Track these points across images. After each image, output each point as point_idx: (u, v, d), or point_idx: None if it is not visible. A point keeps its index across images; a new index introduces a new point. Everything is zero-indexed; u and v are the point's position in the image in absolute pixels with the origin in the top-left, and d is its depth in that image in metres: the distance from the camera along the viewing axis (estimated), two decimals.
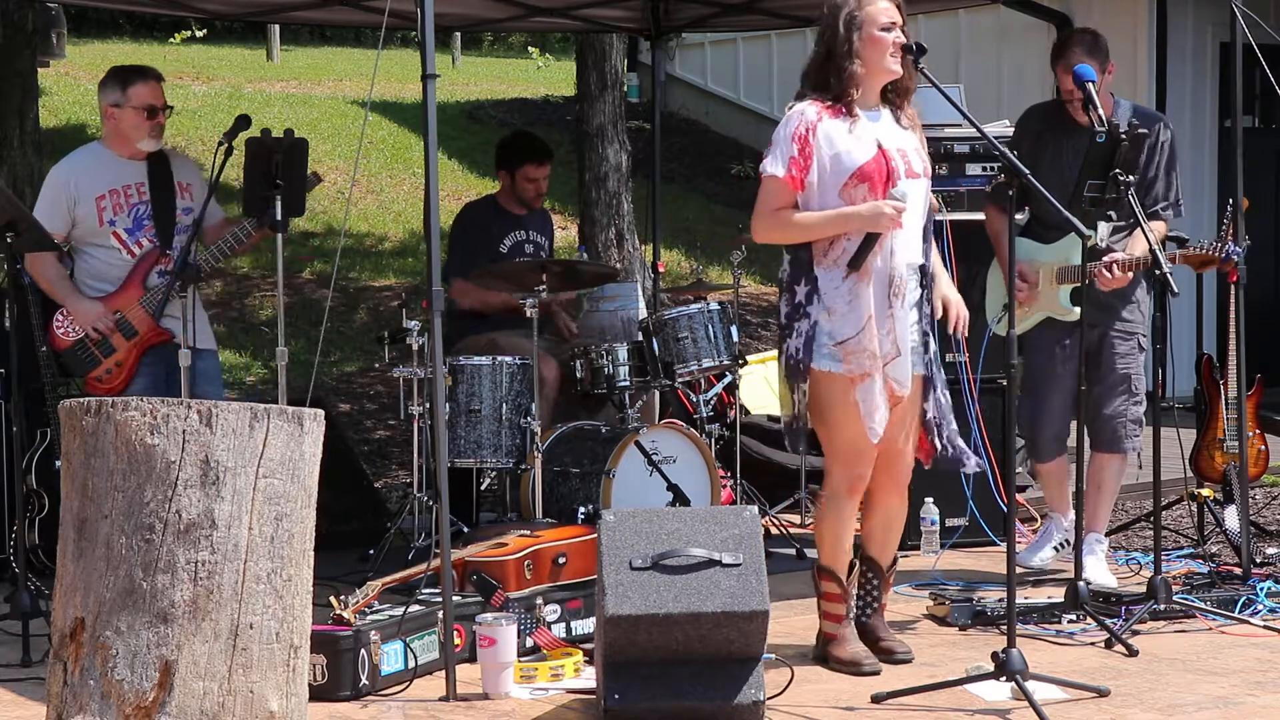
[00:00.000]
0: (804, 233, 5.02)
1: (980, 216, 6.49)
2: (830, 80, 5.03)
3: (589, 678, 4.94)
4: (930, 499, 6.91)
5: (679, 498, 6.43)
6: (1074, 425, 6.64)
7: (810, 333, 5.00)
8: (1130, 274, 6.03)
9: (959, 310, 5.17)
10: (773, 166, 5.00)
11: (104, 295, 6.04)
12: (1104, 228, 5.90)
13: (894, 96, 5.11)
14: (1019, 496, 6.99)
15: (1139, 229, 5.79)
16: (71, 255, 6.15)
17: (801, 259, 5.05)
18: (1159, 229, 6.12)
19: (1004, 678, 4.65)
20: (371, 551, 6.53)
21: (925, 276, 5.12)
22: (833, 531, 5.14)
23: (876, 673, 5.03)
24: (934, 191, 6.73)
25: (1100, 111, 5.86)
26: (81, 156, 6.23)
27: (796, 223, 5.00)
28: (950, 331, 5.22)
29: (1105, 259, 5.97)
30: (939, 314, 5.14)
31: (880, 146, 5.00)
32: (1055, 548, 6.47)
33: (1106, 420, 6.18)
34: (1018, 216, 6.39)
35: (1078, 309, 6.09)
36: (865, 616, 5.29)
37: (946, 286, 5.22)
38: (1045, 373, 6.28)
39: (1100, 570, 6.16)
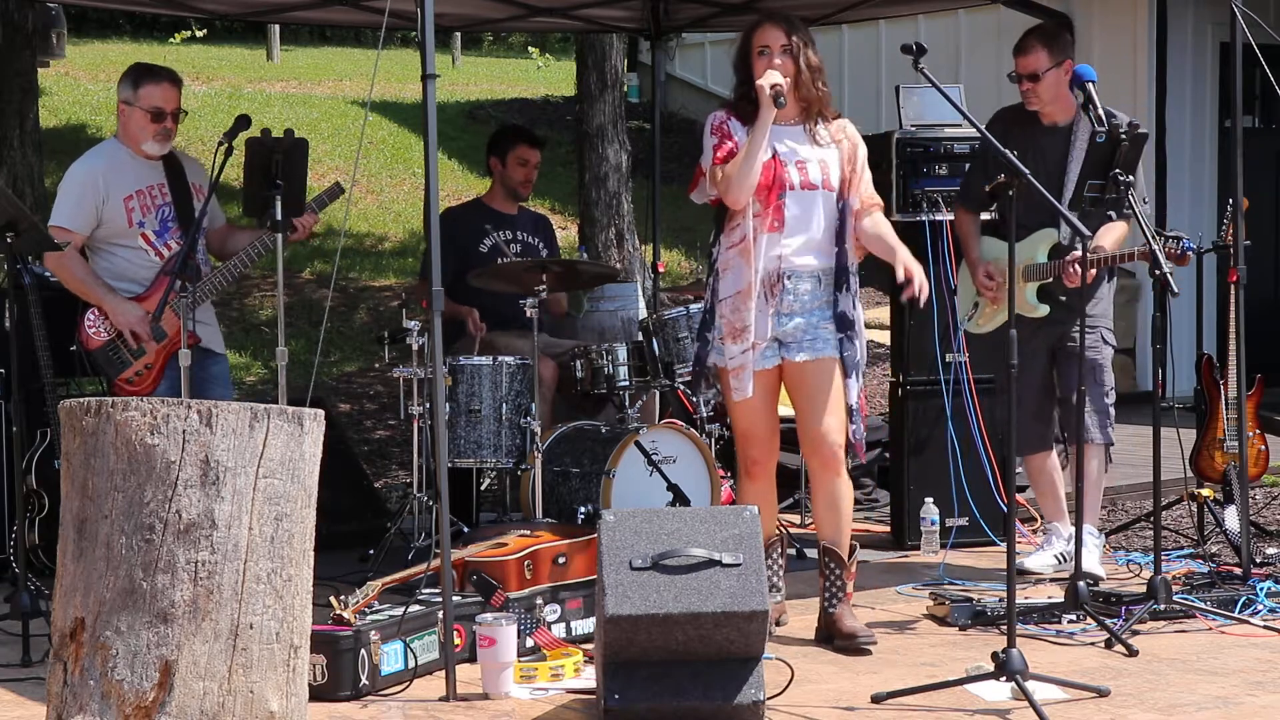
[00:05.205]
0: (737, 169, 5.29)
1: (982, 216, 6.49)
2: (735, 96, 5.49)
3: (589, 678, 4.93)
4: (930, 499, 6.91)
5: (679, 498, 6.43)
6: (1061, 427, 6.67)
7: (711, 306, 5.43)
8: (1094, 271, 6.04)
9: (919, 279, 5.36)
10: (705, 161, 5.41)
11: (133, 296, 5.99)
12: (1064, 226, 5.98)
13: (807, 112, 5.43)
14: (1019, 496, 6.98)
15: (1104, 224, 5.95)
16: (85, 252, 6.09)
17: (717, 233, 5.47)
18: (1120, 228, 6.12)
19: (1004, 678, 4.65)
20: (371, 551, 6.52)
21: (841, 279, 5.37)
22: None
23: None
24: (934, 191, 6.83)
25: (1100, 111, 5.86)
26: (104, 154, 6.15)
27: (726, 170, 5.33)
28: (904, 299, 5.49)
29: (1068, 257, 6.05)
30: (900, 279, 5.37)
31: (775, 154, 5.33)
32: (1056, 556, 6.46)
33: (1073, 410, 6.18)
34: (982, 216, 6.51)
35: (1045, 306, 6.25)
36: (831, 606, 5.38)
37: (906, 256, 5.42)
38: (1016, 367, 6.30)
39: (1091, 560, 6.16)
